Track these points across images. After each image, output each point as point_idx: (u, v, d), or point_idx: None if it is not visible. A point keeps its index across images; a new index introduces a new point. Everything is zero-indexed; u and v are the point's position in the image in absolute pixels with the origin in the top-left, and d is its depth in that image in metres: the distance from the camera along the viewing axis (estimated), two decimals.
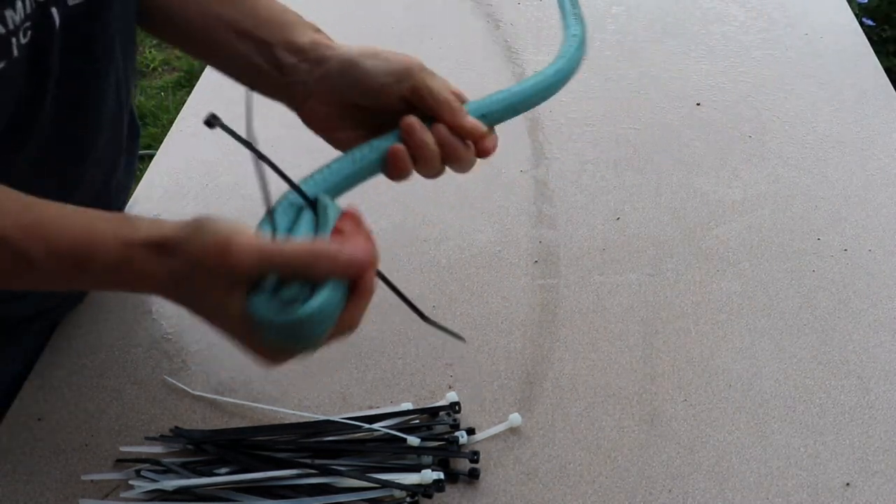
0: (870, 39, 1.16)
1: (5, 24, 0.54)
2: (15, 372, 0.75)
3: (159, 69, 2.78)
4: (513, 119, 0.63)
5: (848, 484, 0.66)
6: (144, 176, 0.97)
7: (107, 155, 0.73)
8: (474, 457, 0.67)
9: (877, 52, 1.13)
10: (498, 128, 0.62)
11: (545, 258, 0.85)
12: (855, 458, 0.67)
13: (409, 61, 0.60)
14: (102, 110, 0.69)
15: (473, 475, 0.66)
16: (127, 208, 0.92)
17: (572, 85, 1.14)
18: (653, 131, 1.01)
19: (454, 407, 0.70)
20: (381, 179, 0.98)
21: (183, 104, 1.08)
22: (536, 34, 1.17)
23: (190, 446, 0.67)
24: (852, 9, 1.25)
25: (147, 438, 0.69)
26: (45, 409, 0.72)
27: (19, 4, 0.55)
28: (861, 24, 1.43)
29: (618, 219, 0.89)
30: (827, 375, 0.73)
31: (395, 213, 0.88)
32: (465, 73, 1.11)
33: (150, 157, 1.03)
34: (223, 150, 0.99)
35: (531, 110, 0.64)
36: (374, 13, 1.24)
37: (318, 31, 0.67)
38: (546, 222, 0.89)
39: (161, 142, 1.02)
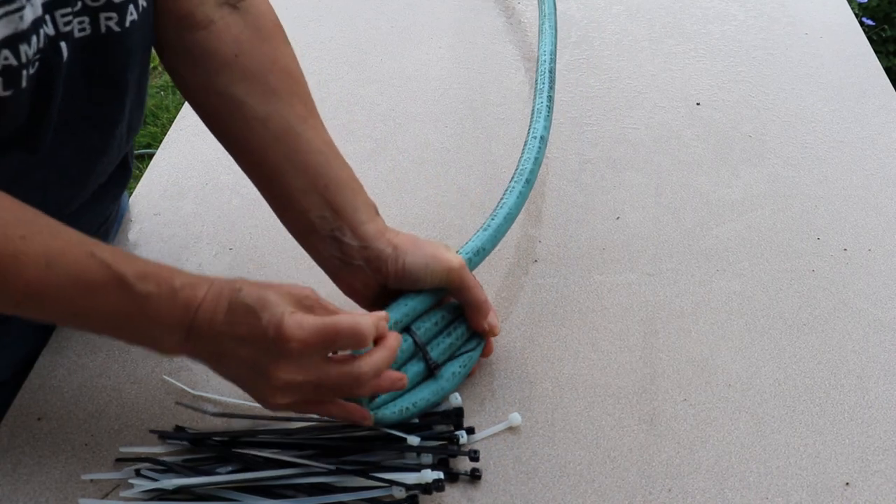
0: (870, 39, 1.17)
1: (18, 58, 0.56)
2: (15, 372, 0.75)
3: (159, 69, 2.77)
4: (512, 119, 0.63)
5: (848, 484, 0.66)
6: (144, 175, 0.97)
7: (100, 191, 0.76)
8: (474, 456, 0.67)
9: (877, 52, 1.14)
10: (497, 128, 0.62)
11: (545, 258, 0.85)
12: (855, 458, 0.67)
13: (453, 262, 0.69)
14: (99, 142, 0.71)
15: (473, 475, 0.66)
16: (127, 208, 0.92)
17: (572, 85, 1.14)
18: (653, 131, 1.01)
19: (454, 408, 0.70)
20: (379, 180, 0.97)
21: (183, 104, 1.08)
22: (536, 34, 1.17)
23: (190, 445, 0.67)
24: (852, 9, 1.25)
25: (147, 436, 0.69)
26: (45, 409, 0.72)
27: (34, 39, 0.57)
28: (861, 24, 1.43)
29: (618, 218, 0.89)
30: (827, 375, 0.73)
31: (396, 213, 0.88)
32: (464, 73, 1.11)
33: (150, 156, 1.03)
34: (222, 149, 0.99)
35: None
36: (374, 13, 1.24)
37: (377, 213, 0.72)
38: (546, 222, 0.89)
39: (161, 141, 1.02)
